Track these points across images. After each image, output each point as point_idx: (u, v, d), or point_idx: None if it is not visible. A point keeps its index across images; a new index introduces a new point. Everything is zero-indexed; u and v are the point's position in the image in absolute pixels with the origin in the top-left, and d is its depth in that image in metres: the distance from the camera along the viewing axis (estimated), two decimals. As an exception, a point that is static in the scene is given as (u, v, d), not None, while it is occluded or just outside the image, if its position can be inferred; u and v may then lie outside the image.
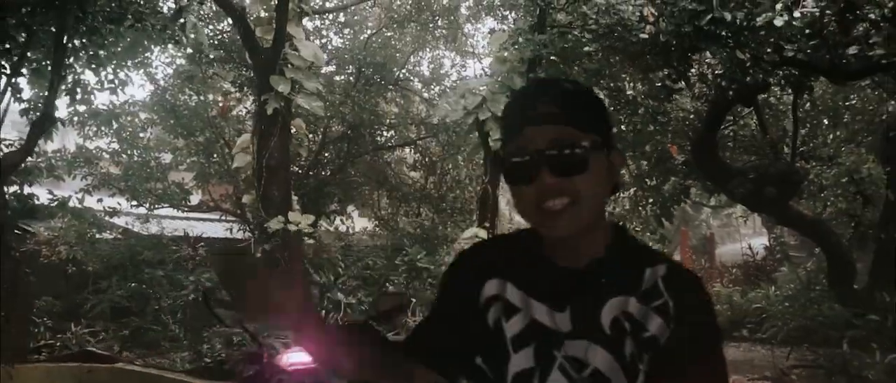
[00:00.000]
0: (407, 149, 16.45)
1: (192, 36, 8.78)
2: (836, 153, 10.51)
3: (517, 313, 1.40)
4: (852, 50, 5.60)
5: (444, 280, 1.61)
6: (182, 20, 7.57)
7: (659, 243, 16.22)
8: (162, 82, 13.14)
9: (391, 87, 14.40)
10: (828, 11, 4.98)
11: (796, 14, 5.07)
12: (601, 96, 8.89)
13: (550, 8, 8.72)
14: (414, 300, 7.69)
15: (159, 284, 9.50)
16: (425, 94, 15.88)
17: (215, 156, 13.16)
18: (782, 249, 17.27)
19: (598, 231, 1.42)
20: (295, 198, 10.07)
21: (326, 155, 14.47)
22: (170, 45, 9.72)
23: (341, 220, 14.52)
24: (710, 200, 17.17)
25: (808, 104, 10.33)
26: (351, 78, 14.22)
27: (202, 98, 13.01)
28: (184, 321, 8.15)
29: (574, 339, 1.35)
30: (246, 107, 13.72)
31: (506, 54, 8.80)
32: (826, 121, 11.32)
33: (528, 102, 1.43)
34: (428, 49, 15.87)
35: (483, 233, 9.06)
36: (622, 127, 10.02)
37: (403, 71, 15.19)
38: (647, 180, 10.35)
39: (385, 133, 15.00)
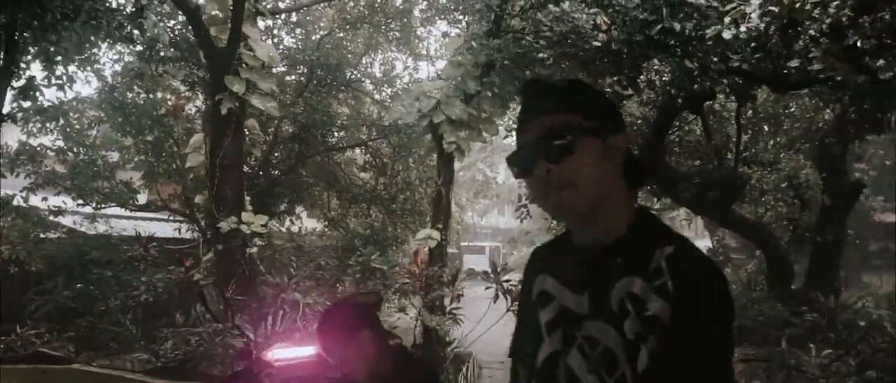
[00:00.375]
0: (357, 150, 16.46)
1: (150, 34, 8.68)
2: (776, 159, 10.92)
3: (552, 301, 1.51)
4: (794, 62, 5.89)
5: (523, 282, 1.71)
6: (142, 19, 7.48)
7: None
8: (110, 79, 12.87)
9: (343, 88, 14.38)
10: (772, 26, 5.23)
11: (743, 28, 5.32)
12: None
13: (505, 14, 8.87)
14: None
15: (108, 285, 9.31)
16: (377, 96, 15.91)
17: (164, 154, 12.96)
18: (724, 252, 17.82)
19: (615, 214, 1.46)
20: (247, 198, 10.01)
21: (277, 155, 14.39)
22: (119, 43, 9.58)
23: (291, 221, 14.46)
24: (654, 204, 17.64)
25: (750, 112, 10.71)
26: (302, 78, 14.16)
27: (151, 96, 12.80)
28: (135, 322, 8.03)
29: (591, 320, 1.43)
30: (195, 106, 13.57)
31: (460, 58, 8.90)
32: (767, 128, 11.75)
33: (530, 97, 1.55)
34: (380, 51, 15.89)
35: (436, 235, 9.17)
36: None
37: (355, 72, 15.19)
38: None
39: (336, 134, 14.97)
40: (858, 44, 5.50)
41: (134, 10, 7.52)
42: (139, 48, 10.75)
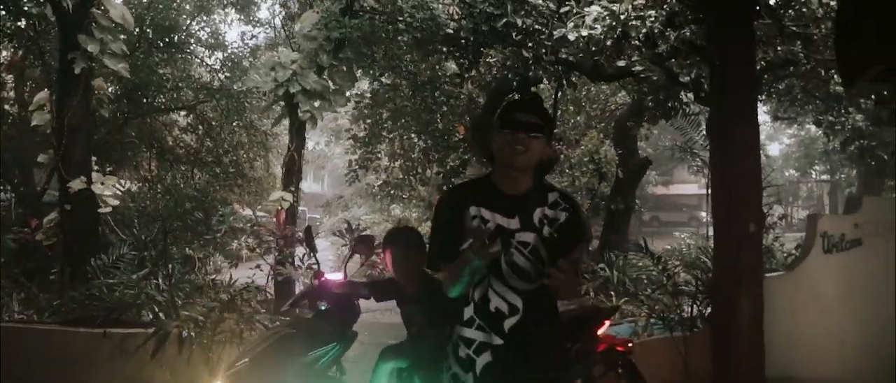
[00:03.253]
0: (180, 113, 16.35)
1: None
2: (580, 136, 12.55)
3: (488, 223, 2.63)
4: (621, 63, 7.27)
5: (442, 211, 2.81)
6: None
7: (428, 209, 17.84)
8: None
9: (174, 50, 14.30)
10: (609, 34, 6.49)
11: (584, 32, 6.53)
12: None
13: (358, -7, 9.57)
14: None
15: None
16: (208, 60, 15.93)
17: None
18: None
19: (530, 173, 2.68)
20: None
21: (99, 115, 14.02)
22: None
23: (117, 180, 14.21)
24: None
25: (559, 94, 12.24)
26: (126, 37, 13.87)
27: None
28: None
29: (520, 232, 2.62)
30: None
31: (315, 33, 9.49)
32: (572, 109, 13.41)
33: (520, 103, 2.79)
34: (207, 14, 15.80)
35: (288, 196, 9.77)
36: (409, 104, 11.30)
37: (183, 34, 15.07)
38: (433, 153, 11.65)
39: (163, 95, 14.84)
40: (664, 51, 6.96)
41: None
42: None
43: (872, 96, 7.71)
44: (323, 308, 3.45)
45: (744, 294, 4.90)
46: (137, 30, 13.56)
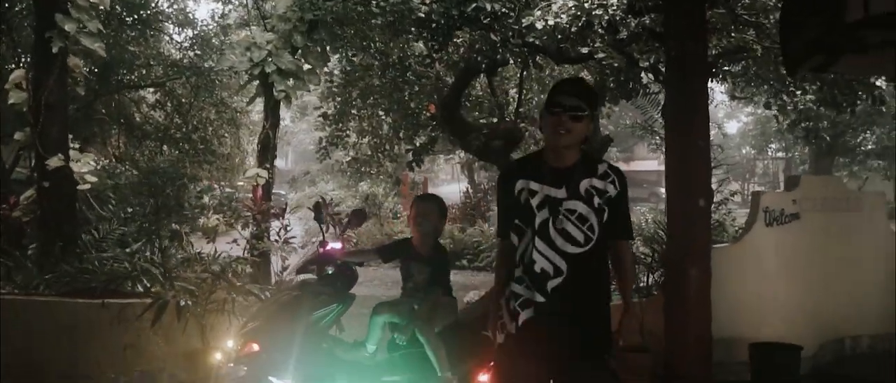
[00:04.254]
0: (150, 89, 16.44)
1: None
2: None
3: (537, 193, 2.99)
4: (584, 50, 7.71)
5: (500, 186, 3.24)
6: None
7: (395, 184, 18.18)
8: None
9: (149, 29, 14.41)
10: (574, 22, 6.90)
11: (551, 21, 6.94)
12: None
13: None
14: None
15: None
16: (177, 37, 16.04)
17: None
18: (476, 192, 20.16)
19: (576, 149, 3.04)
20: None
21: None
22: None
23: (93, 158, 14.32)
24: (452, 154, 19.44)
25: (523, 73, 12.65)
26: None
27: None
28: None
29: (568, 201, 2.94)
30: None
31: (290, 14, 9.76)
32: (536, 87, 13.83)
33: (565, 85, 3.07)
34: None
35: (264, 173, 10.07)
36: (379, 83, 11.64)
37: (153, 11, 15.14)
38: (402, 131, 12.02)
39: (134, 72, 14.94)
40: (625, 36, 7.41)
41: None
42: None
43: (816, 83, 8.27)
44: (330, 272, 3.90)
45: (693, 263, 5.40)
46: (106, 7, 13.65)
